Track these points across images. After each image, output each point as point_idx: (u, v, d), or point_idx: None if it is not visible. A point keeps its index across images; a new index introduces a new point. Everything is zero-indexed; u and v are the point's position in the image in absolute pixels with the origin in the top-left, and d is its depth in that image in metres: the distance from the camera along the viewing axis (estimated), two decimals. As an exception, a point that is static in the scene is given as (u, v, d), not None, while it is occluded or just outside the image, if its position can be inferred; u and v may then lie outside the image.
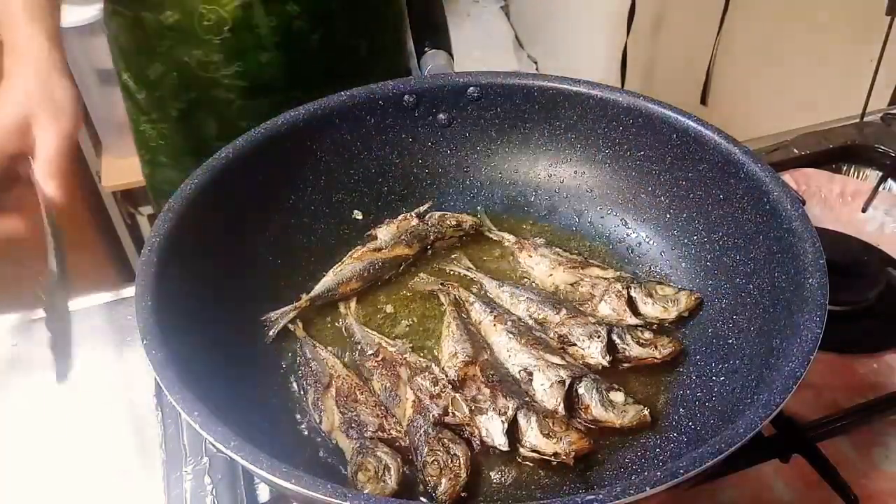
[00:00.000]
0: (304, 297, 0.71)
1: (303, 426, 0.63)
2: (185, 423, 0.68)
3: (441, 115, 0.80)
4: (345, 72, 0.93)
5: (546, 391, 0.62)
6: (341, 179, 0.79)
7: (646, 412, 0.61)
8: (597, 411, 0.60)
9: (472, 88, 0.79)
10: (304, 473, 0.47)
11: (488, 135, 0.81)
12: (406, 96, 0.78)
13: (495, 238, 0.79)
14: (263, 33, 0.89)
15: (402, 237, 0.76)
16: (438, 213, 0.79)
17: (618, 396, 0.61)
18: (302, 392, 0.65)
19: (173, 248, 0.62)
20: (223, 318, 0.65)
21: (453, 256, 0.78)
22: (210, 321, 0.63)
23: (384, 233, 0.76)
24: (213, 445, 0.49)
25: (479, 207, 0.81)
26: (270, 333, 0.69)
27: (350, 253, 0.75)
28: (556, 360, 0.64)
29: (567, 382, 0.61)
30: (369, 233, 0.77)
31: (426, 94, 0.79)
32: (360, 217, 0.79)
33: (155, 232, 0.62)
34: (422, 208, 0.80)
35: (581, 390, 0.61)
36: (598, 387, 0.61)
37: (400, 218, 0.78)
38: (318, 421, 0.63)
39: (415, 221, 0.78)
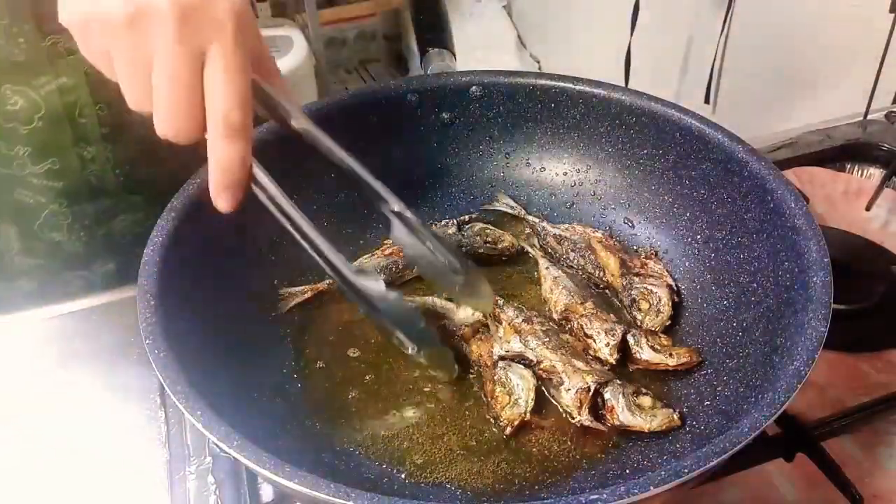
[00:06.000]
0: (326, 280, 0.72)
1: (307, 425, 0.63)
2: (189, 422, 0.68)
3: (444, 114, 0.80)
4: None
5: (572, 396, 0.62)
6: (344, 179, 0.78)
7: (675, 416, 0.60)
8: (623, 416, 0.60)
9: (474, 87, 0.79)
10: (308, 473, 0.46)
11: (491, 134, 0.81)
12: (409, 95, 0.78)
13: (530, 251, 0.77)
14: (88, 124, 0.73)
15: None
16: (479, 226, 0.78)
17: (645, 401, 0.61)
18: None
19: (176, 247, 0.62)
20: (226, 318, 0.65)
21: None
22: (213, 320, 0.63)
23: None
24: (217, 445, 0.49)
25: (500, 191, 0.81)
26: (282, 308, 0.70)
27: (381, 247, 0.75)
28: (582, 364, 0.64)
29: (592, 388, 0.61)
30: None
31: (429, 93, 0.79)
32: (362, 217, 0.79)
33: (157, 231, 0.62)
34: (465, 217, 0.79)
35: (607, 395, 0.61)
36: (625, 391, 0.61)
37: (440, 223, 0.78)
38: None
39: (452, 230, 0.77)
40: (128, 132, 0.76)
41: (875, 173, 0.96)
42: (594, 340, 0.66)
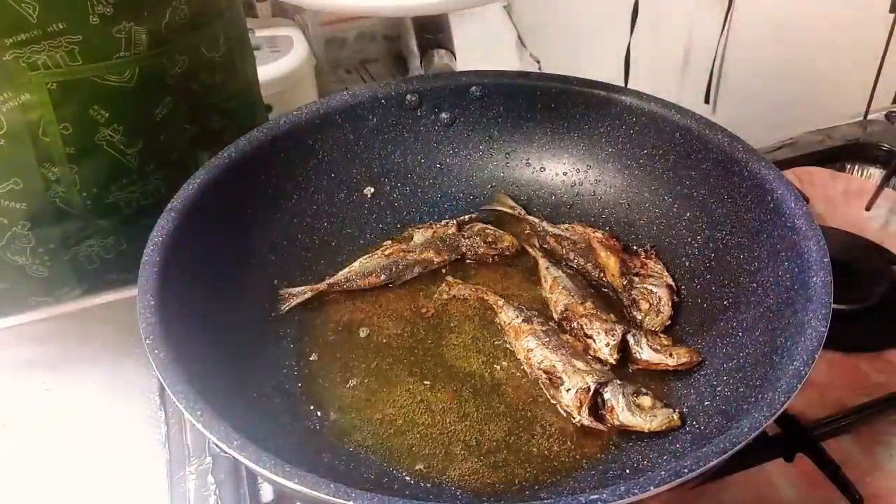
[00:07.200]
0: (326, 281, 0.72)
1: (307, 425, 0.63)
2: (189, 422, 0.68)
3: (443, 115, 0.80)
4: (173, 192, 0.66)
5: (572, 396, 0.62)
6: (344, 179, 0.79)
7: (675, 416, 0.60)
8: (623, 416, 0.60)
9: (474, 87, 0.79)
10: (308, 473, 0.47)
11: (491, 134, 0.81)
12: (408, 95, 0.78)
13: (530, 251, 0.77)
14: (53, 143, 0.70)
15: (435, 243, 0.76)
16: (479, 226, 0.78)
17: (645, 401, 0.61)
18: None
19: (176, 247, 0.62)
20: (226, 318, 0.65)
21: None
22: (213, 320, 0.63)
23: (420, 235, 0.76)
24: (217, 445, 0.50)
25: (500, 191, 0.81)
26: (282, 308, 0.70)
27: (381, 248, 0.75)
28: (582, 364, 0.64)
29: (592, 388, 0.61)
30: (406, 232, 0.77)
31: (428, 93, 0.79)
32: (362, 217, 0.79)
33: (157, 231, 0.62)
34: (465, 217, 0.79)
35: (607, 395, 0.61)
36: (625, 391, 0.61)
37: (440, 223, 0.78)
38: None
39: (452, 230, 0.77)
40: (95, 154, 0.73)
41: (875, 173, 0.96)
42: (594, 340, 0.67)
